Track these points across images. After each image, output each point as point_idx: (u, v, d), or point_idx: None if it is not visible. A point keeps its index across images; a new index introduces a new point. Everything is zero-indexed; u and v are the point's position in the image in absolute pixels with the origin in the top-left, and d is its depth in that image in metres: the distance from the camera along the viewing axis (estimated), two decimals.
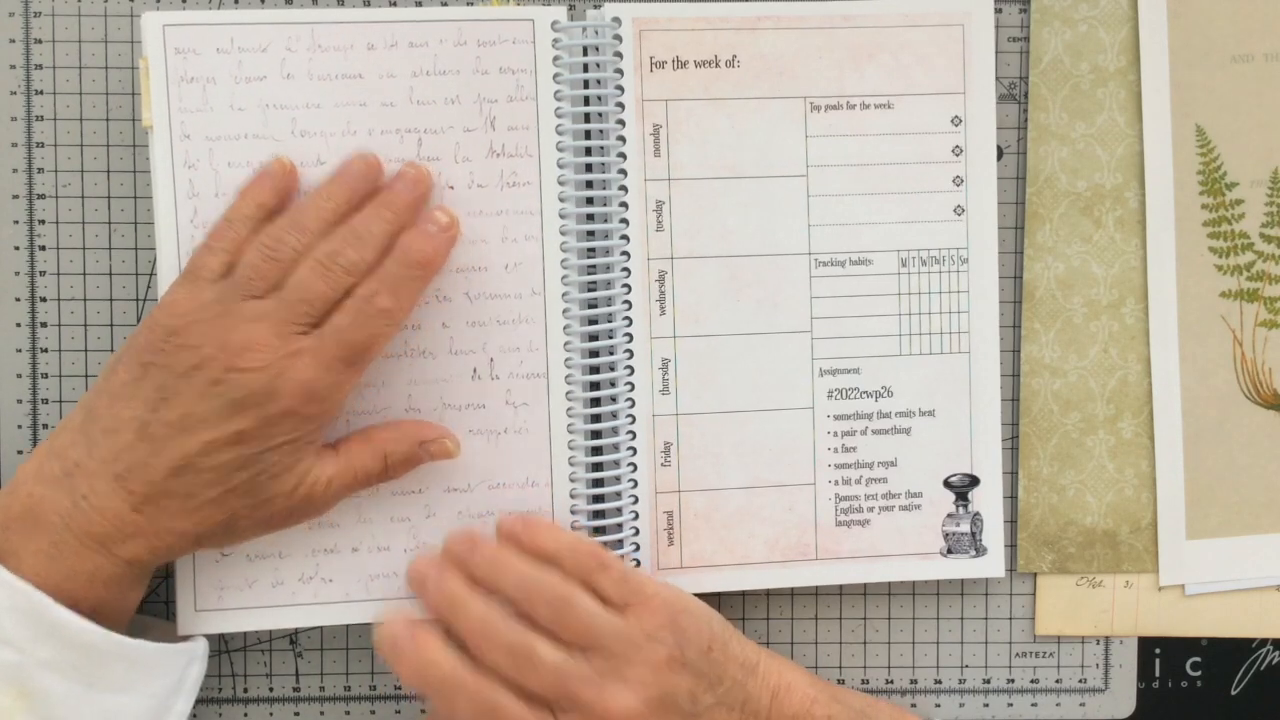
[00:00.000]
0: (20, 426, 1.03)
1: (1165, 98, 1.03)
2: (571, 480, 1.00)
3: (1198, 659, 1.07)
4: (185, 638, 0.97)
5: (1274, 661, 1.08)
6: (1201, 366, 1.04)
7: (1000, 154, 1.03)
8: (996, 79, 1.02)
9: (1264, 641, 1.07)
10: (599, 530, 1.01)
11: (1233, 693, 1.08)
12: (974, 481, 1.03)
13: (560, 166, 0.98)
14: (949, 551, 1.04)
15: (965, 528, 1.04)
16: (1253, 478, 1.05)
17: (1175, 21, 1.03)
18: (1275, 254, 1.04)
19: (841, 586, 1.06)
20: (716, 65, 0.99)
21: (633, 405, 1.01)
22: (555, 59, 0.98)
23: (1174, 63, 1.03)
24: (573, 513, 1.00)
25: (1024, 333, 1.04)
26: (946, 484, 1.04)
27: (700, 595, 1.05)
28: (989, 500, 1.04)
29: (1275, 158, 1.04)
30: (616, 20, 0.98)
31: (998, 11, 1.02)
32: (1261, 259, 1.04)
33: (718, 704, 0.93)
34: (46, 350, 1.02)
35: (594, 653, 0.91)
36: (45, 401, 1.03)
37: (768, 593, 1.06)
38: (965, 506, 1.04)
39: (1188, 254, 1.04)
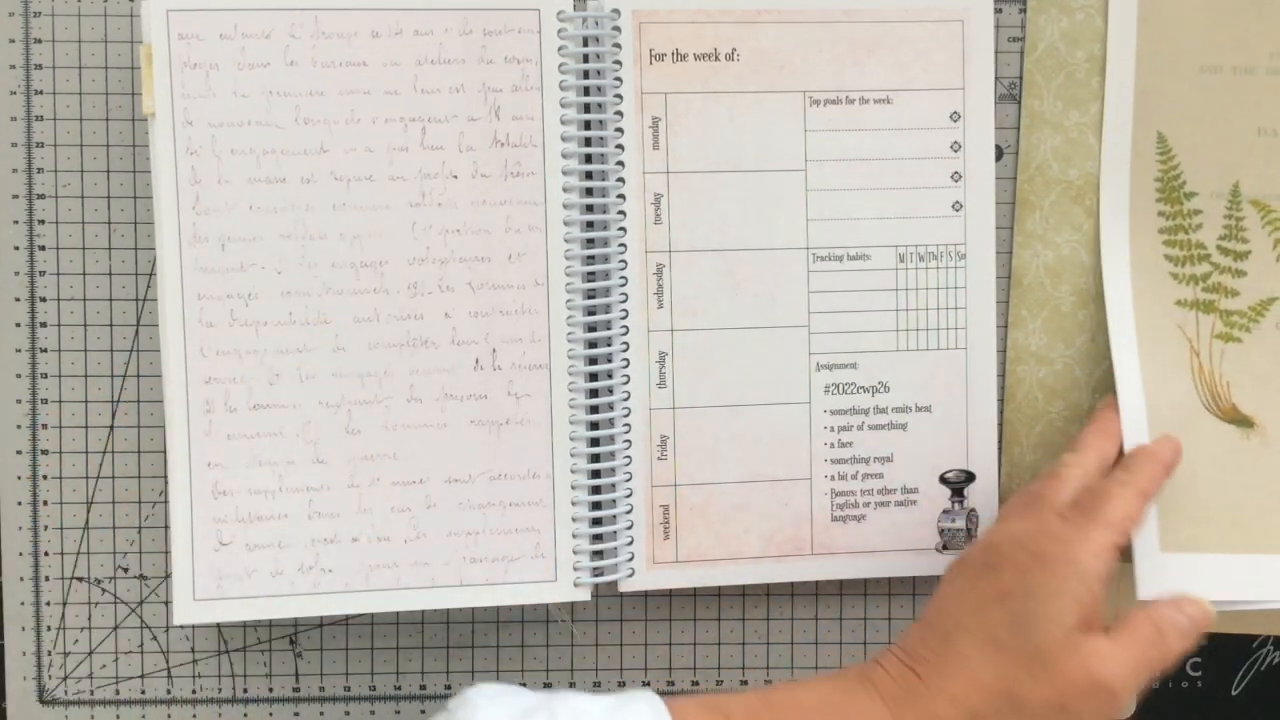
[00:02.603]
0: (20, 426, 1.03)
1: (1129, 102, 1.03)
2: (572, 472, 1.00)
3: (1198, 659, 1.07)
4: None
5: (1274, 661, 1.07)
6: (1161, 373, 1.04)
7: (1000, 154, 1.04)
8: (996, 79, 1.03)
9: (1264, 641, 1.07)
10: (596, 522, 1.01)
11: (1233, 693, 1.08)
12: (970, 478, 1.04)
13: (564, 157, 0.99)
14: (944, 548, 1.04)
15: (960, 524, 1.04)
16: (1214, 492, 1.03)
17: (1144, 27, 1.03)
18: (1232, 268, 1.03)
19: (842, 586, 1.06)
20: (716, 58, 1.00)
21: (629, 398, 1.01)
22: (560, 49, 0.98)
23: (1140, 69, 1.03)
24: (573, 504, 1.00)
25: (1011, 319, 1.04)
26: (942, 480, 1.04)
27: (697, 591, 1.05)
28: (985, 496, 1.04)
29: (1237, 171, 1.03)
30: (616, 12, 0.99)
31: (998, 11, 1.02)
32: (1218, 271, 1.03)
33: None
34: (46, 350, 1.03)
35: None
36: (45, 401, 1.03)
37: (768, 592, 1.06)
38: (961, 503, 1.04)
39: (1142, 259, 1.04)
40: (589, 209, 1.00)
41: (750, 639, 1.06)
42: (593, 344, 1.00)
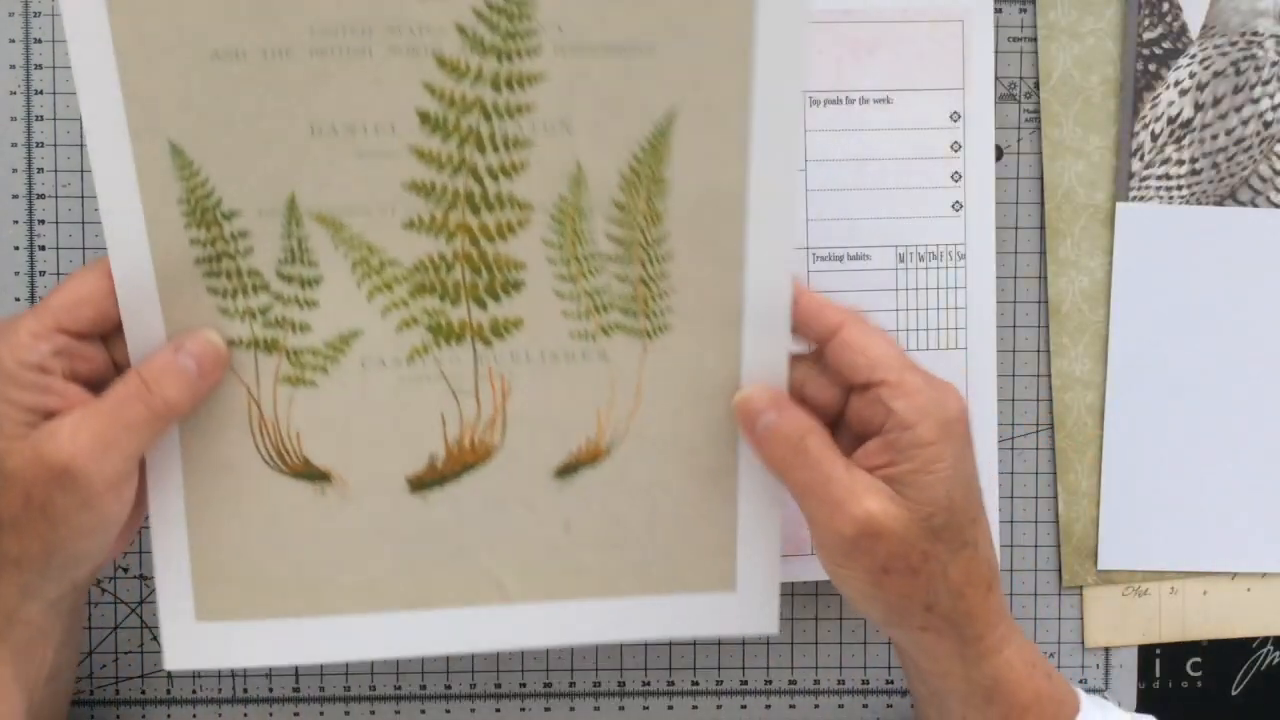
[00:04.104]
0: None
1: (118, 109, 0.82)
2: None
3: (1198, 659, 1.07)
4: None
5: (1274, 661, 1.07)
6: (210, 427, 0.89)
7: (1000, 154, 1.03)
8: (996, 79, 1.03)
9: (1264, 641, 1.07)
10: None
11: (1233, 693, 1.08)
12: None
13: None
14: None
15: None
16: (278, 555, 0.93)
17: (118, 6, 0.81)
18: (299, 298, 0.87)
19: None
20: None
21: None
22: None
23: (125, 62, 0.81)
24: None
25: (1053, 347, 1.04)
26: None
27: None
28: (985, 497, 1.03)
29: (289, 182, 0.85)
30: None
31: (998, 11, 1.02)
32: (281, 303, 0.87)
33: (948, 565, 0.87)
34: None
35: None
36: None
37: None
38: None
39: (180, 297, 0.86)
40: None
41: (750, 639, 1.06)
42: None
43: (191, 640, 0.91)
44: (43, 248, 1.02)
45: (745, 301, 0.88)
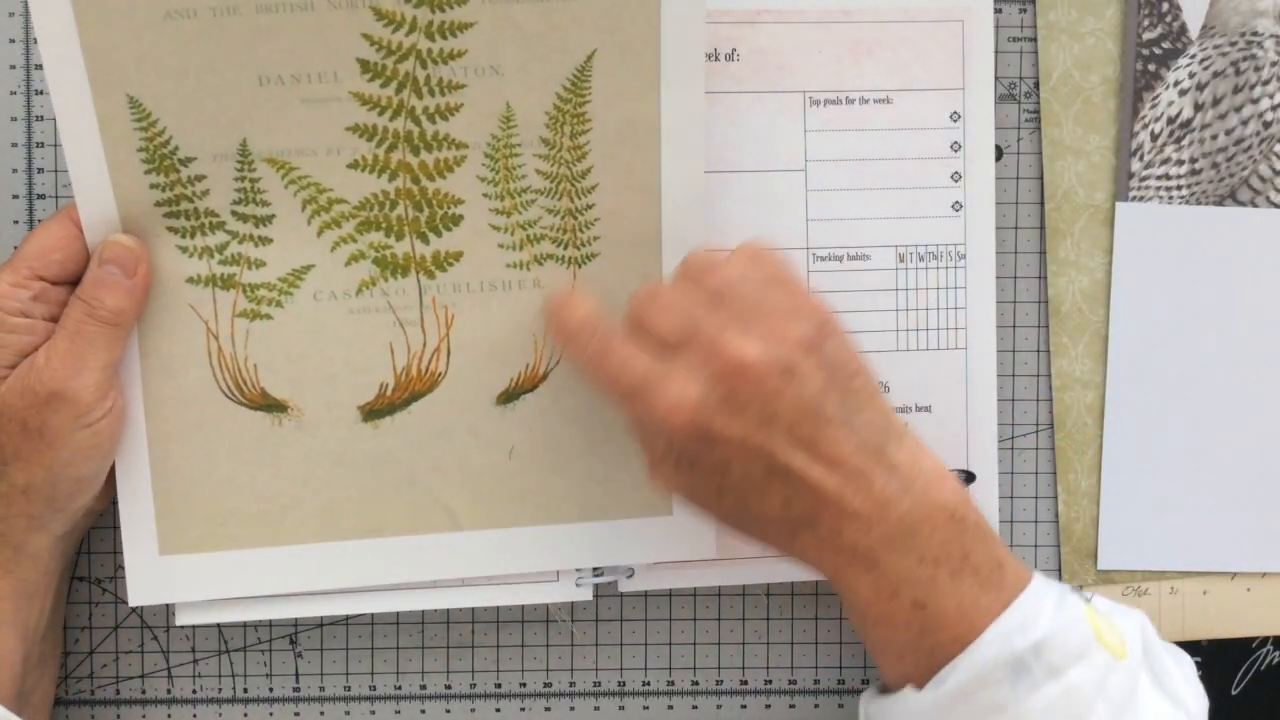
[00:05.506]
0: None
1: (78, 66, 0.89)
2: None
3: (1198, 659, 1.06)
4: None
5: (1274, 661, 1.07)
6: (170, 363, 0.96)
7: (1000, 154, 1.03)
8: (996, 78, 1.03)
9: (1264, 641, 1.07)
10: None
11: (1233, 693, 1.08)
12: (970, 478, 1.03)
13: None
14: None
15: None
16: (237, 487, 0.99)
17: None
18: (254, 235, 0.94)
19: None
20: (716, 59, 0.99)
21: None
22: None
23: (83, 22, 0.88)
24: None
25: (1053, 347, 1.04)
26: None
27: (697, 591, 1.05)
28: (985, 497, 1.03)
29: (241, 128, 0.91)
30: None
31: (998, 11, 1.02)
32: (237, 240, 0.94)
33: (834, 413, 0.86)
34: None
35: (728, 304, 0.87)
36: None
37: (768, 592, 1.06)
38: None
39: (142, 237, 0.93)
40: None
41: (750, 639, 1.06)
42: None
43: (155, 574, 0.98)
44: None
45: (663, 226, 0.96)
